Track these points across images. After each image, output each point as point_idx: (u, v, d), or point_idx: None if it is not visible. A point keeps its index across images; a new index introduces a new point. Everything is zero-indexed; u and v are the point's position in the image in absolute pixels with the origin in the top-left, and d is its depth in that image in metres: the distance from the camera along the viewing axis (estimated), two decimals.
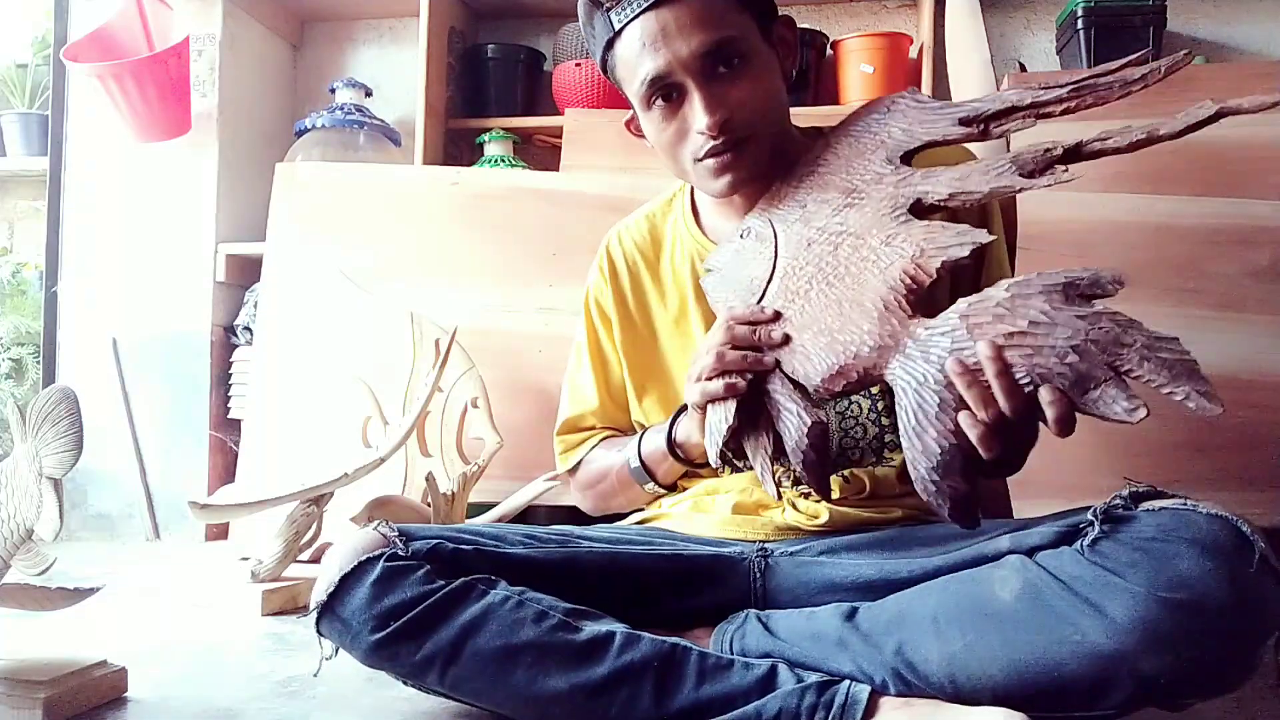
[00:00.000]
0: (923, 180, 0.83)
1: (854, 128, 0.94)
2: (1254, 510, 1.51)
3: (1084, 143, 0.76)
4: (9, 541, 0.98)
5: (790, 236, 0.91)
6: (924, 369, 0.76)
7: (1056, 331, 0.70)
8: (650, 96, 0.97)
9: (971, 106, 0.84)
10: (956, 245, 0.78)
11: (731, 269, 0.96)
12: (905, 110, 0.89)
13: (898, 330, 0.79)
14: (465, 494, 1.65)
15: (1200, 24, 2.15)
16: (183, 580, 1.58)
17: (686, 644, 0.86)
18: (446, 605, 0.86)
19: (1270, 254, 1.64)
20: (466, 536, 0.95)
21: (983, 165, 0.80)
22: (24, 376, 2.38)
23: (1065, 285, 0.71)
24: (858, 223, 0.86)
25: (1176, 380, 0.66)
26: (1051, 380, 0.70)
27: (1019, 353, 0.71)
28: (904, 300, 0.80)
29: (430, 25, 2.21)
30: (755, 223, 0.96)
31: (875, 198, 0.86)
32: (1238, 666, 0.73)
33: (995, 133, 0.83)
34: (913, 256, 0.80)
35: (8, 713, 0.93)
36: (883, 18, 2.32)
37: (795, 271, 0.89)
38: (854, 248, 0.85)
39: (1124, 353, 0.68)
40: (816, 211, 0.90)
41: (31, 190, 2.56)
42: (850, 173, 0.90)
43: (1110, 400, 0.68)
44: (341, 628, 0.88)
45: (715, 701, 0.82)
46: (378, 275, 1.98)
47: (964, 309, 0.76)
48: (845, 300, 0.83)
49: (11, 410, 1.00)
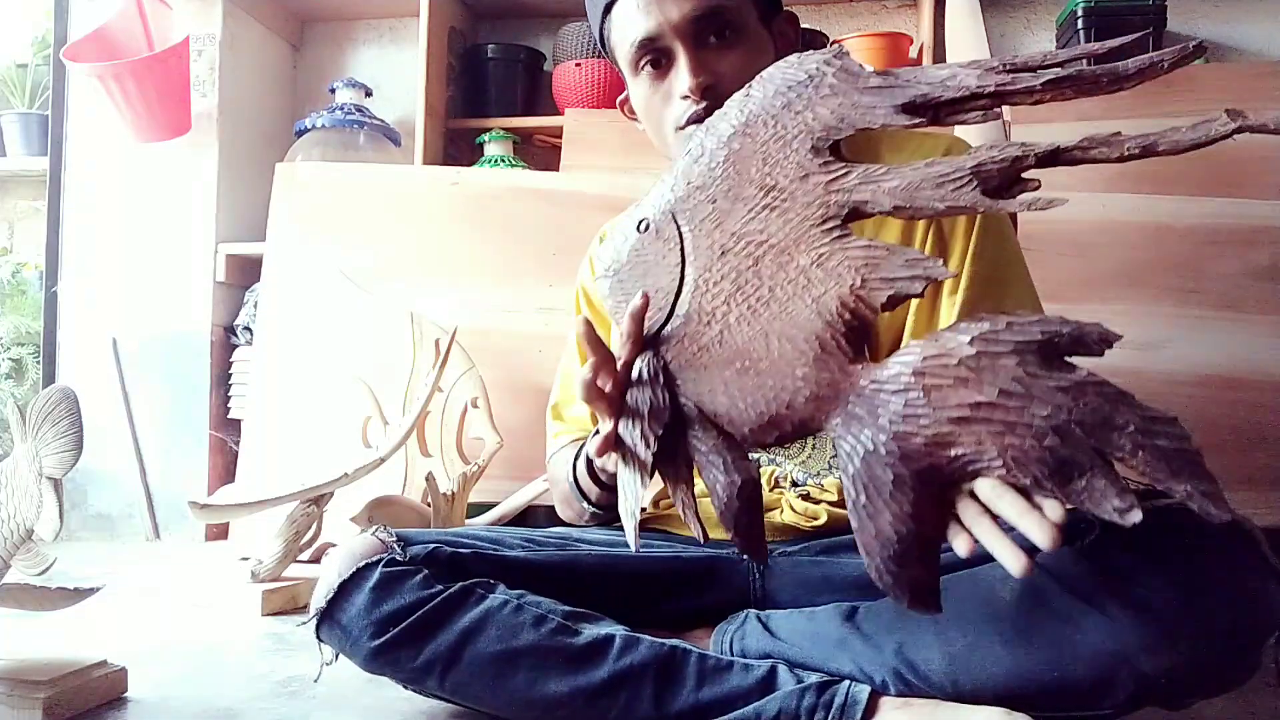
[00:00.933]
0: (861, 183, 0.67)
1: (770, 100, 0.73)
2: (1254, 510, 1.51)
3: (1062, 149, 0.61)
4: (9, 541, 0.98)
5: (700, 239, 0.74)
6: (873, 435, 0.64)
7: (1033, 407, 0.58)
8: (639, 60, 0.97)
9: (919, 88, 0.66)
10: (906, 278, 0.64)
11: (630, 273, 0.79)
12: (834, 86, 0.69)
13: (838, 379, 0.67)
14: (465, 494, 1.65)
15: (1200, 24, 2.15)
16: (183, 580, 1.58)
17: (686, 646, 0.86)
18: (445, 610, 0.86)
19: (1270, 254, 1.64)
20: (465, 540, 0.95)
21: (937, 173, 0.64)
22: (24, 376, 2.38)
23: (1042, 344, 0.59)
24: (781, 232, 0.70)
25: (1177, 476, 0.55)
26: (1027, 466, 0.58)
27: (987, 429, 0.60)
28: (843, 340, 0.67)
29: (430, 25, 2.21)
30: (655, 215, 0.78)
31: (801, 200, 0.70)
32: (1239, 665, 0.73)
33: (948, 122, 0.68)
34: (851, 286, 0.66)
35: (8, 713, 0.93)
36: (883, 18, 2.32)
37: (709, 287, 0.73)
38: (778, 264, 0.70)
39: (1115, 437, 0.57)
40: (730, 210, 0.73)
41: (31, 190, 2.56)
42: (768, 163, 0.72)
43: (1098, 495, 0.57)
44: (341, 634, 0.88)
45: (715, 703, 0.82)
46: (378, 275, 1.98)
47: (918, 363, 0.63)
48: (773, 333, 0.69)
49: (11, 410, 1.00)
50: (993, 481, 0.60)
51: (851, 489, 0.65)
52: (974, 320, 0.62)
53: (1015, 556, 0.58)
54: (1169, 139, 0.59)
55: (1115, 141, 0.60)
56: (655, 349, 0.75)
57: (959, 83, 0.64)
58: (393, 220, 2.00)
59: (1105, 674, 0.73)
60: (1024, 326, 0.60)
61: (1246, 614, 0.71)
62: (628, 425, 0.74)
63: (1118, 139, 0.60)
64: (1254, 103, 1.74)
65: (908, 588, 0.65)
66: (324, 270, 2.00)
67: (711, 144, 0.75)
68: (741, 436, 0.71)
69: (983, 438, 0.60)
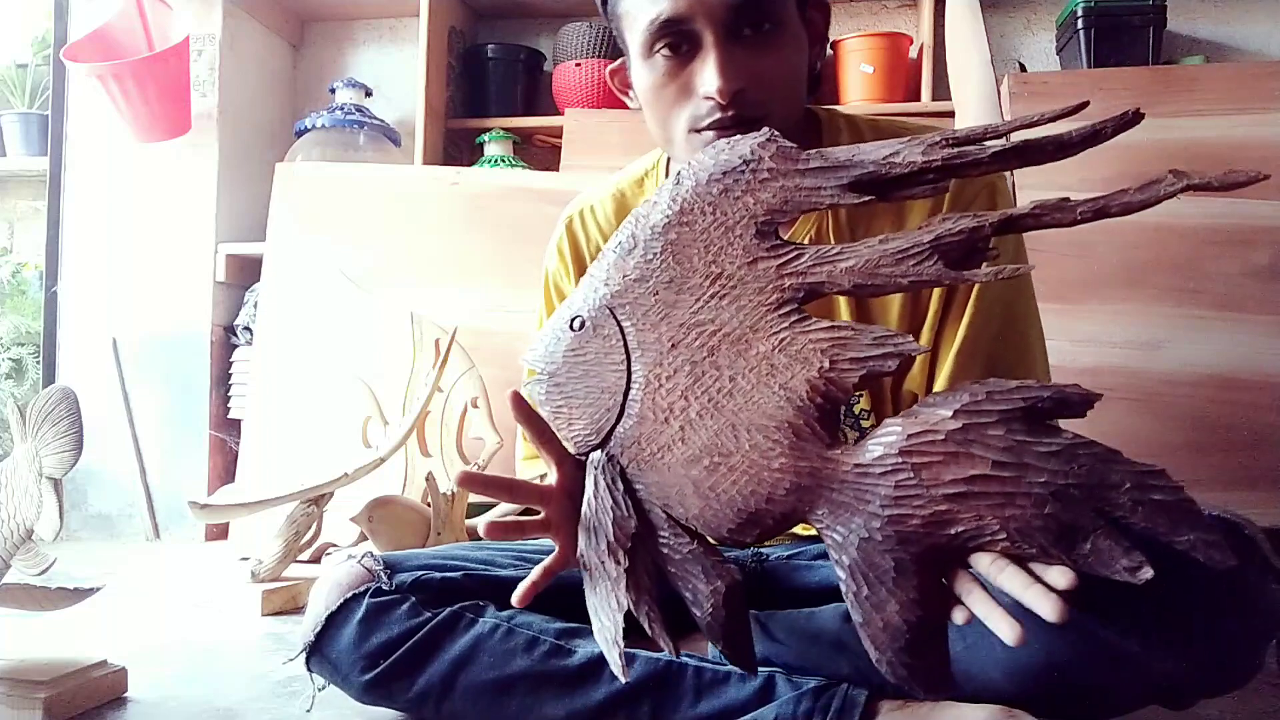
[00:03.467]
0: (815, 264, 0.65)
1: (704, 188, 0.71)
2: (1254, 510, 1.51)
3: (1015, 217, 0.61)
4: (9, 541, 0.98)
5: (645, 334, 0.71)
6: (865, 522, 0.62)
7: (1029, 475, 0.57)
8: (654, 42, 0.83)
9: (863, 167, 0.65)
10: (878, 357, 0.62)
11: (569, 375, 0.74)
12: (772, 169, 0.68)
13: (817, 466, 0.64)
14: (465, 494, 1.65)
15: (1200, 24, 2.15)
16: (183, 580, 1.58)
17: (682, 659, 0.85)
18: (435, 639, 0.85)
19: (1270, 254, 1.64)
20: (454, 563, 0.93)
21: (895, 249, 0.63)
22: (24, 376, 2.38)
23: (1026, 410, 0.58)
24: (735, 319, 0.68)
25: (1178, 528, 0.55)
26: (1031, 536, 0.57)
27: (986, 503, 0.58)
28: (817, 425, 0.64)
29: (430, 25, 2.21)
30: (589, 311, 0.73)
31: (752, 286, 0.67)
32: (1241, 666, 0.73)
33: (897, 198, 0.66)
34: (820, 369, 0.64)
35: (8, 713, 0.93)
36: (883, 18, 2.32)
37: (663, 382, 0.69)
38: (737, 353, 0.67)
39: (1112, 496, 0.56)
40: (675, 301, 0.70)
41: (31, 190, 2.56)
42: (712, 250, 0.69)
43: (1105, 556, 0.56)
44: (331, 669, 0.88)
45: (713, 716, 0.81)
46: (378, 275, 1.98)
47: (904, 442, 0.61)
48: (742, 424, 0.66)
49: (11, 410, 1.00)
50: (991, 555, 0.59)
51: (851, 581, 0.62)
52: (951, 393, 0.61)
53: (1010, 627, 0.57)
54: (1119, 201, 0.58)
55: (1067, 207, 0.59)
56: (608, 454, 0.71)
57: (904, 159, 0.63)
58: (393, 220, 2.01)
59: (1106, 675, 0.73)
60: (1006, 395, 0.59)
61: (1248, 616, 0.71)
62: (589, 541, 0.70)
63: (1069, 205, 0.59)
64: (1254, 103, 1.74)
65: (923, 678, 0.62)
66: (324, 270, 2.00)
67: (645, 235, 0.72)
68: (720, 538, 0.68)
69: (982, 512, 0.59)
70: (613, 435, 0.71)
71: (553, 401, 0.74)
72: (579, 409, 0.73)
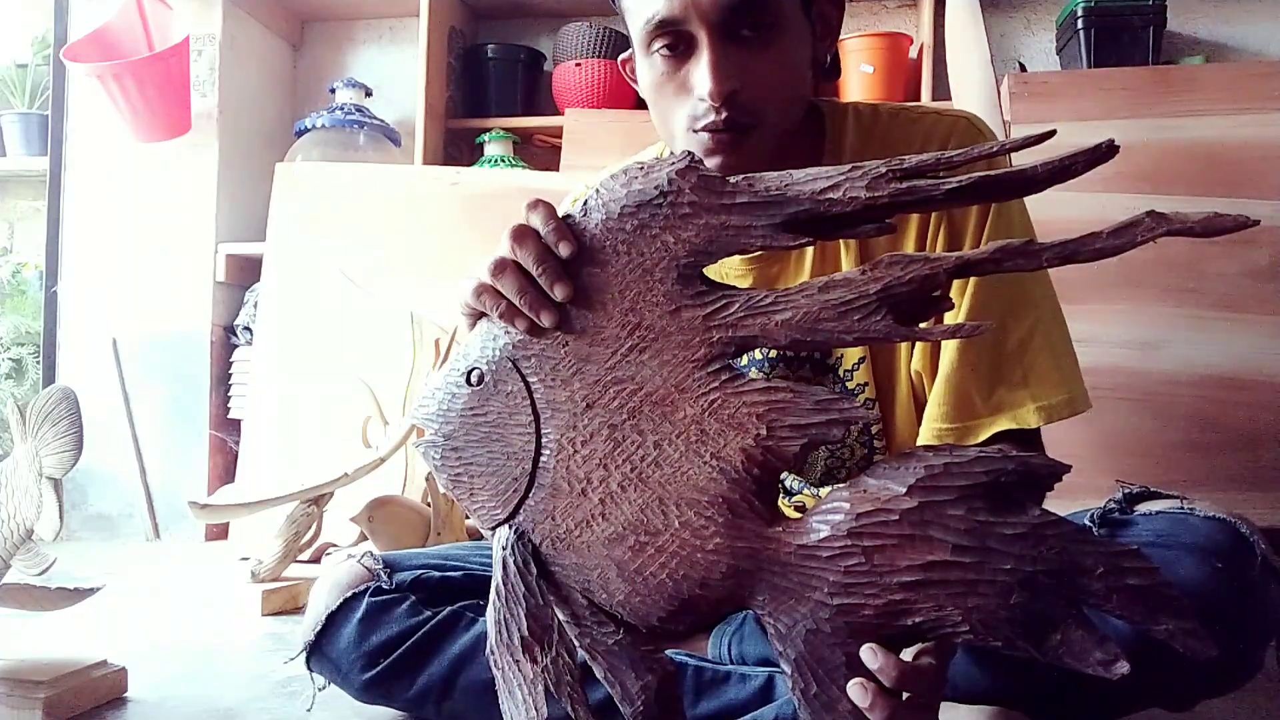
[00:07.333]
0: (746, 315, 0.57)
1: (616, 222, 0.61)
2: (1254, 510, 1.51)
3: (972, 261, 0.54)
4: (9, 541, 0.98)
5: (554, 391, 0.62)
6: (811, 611, 0.55)
7: (993, 560, 0.51)
8: (652, 40, 0.82)
9: (798, 204, 0.56)
10: (821, 424, 0.55)
11: (468, 439, 0.65)
12: (694, 203, 0.59)
13: (757, 547, 0.57)
14: None
15: (1200, 24, 2.15)
16: (183, 580, 1.58)
17: (683, 657, 0.85)
18: (435, 638, 0.85)
19: (1270, 254, 1.64)
20: (453, 563, 0.93)
21: (837, 300, 0.55)
22: (24, 376, 2.38)
23: (988, 486, 0.52)
24: (658, 376, 0.59)
25: (1155, 615, 0.50)
26: (997, 629, 0.51)
27: (945, 591, 0.52)
28: (754, 500, 0.57)
29: (430, 25, 2.21)
30: (489, 365, 0.65)
31: (676, 339, 0.59)
32: (1241, 667, 0.73)
33: (837, 237, 0.60)
34: (757, 437, 0.57)
35: (8, 713, 0.93)
36: (883, 18, 2.32)
37: (578, 448, 0.61)
38: (661, 416, 0.59)
39: (1085, 582, 0.50)
40: (589, 354, 0.61)
41: (31, 190, 2.56)
42: (628, 296, 0.60)
43: (1077, 648, 0.51)
44: (331, 668, 0.88)
45: (713, 716, 0.81)
46: (378, 275, 1.98)
47: (853, 522, 0.54)
48: (670, 499, 0.58)
49: (11, 410, 1.00)
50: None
51: (798, 676, 0.56)
52: (903, 463, 0.55)
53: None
54: (1091, 247, 0.53)
55: (1031, 252, 0.54)
56: (518, 530, 0.63)
57: (845, 195, 0.55)
58: (393, 220, 2.01)
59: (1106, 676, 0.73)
60: (965, 467, 0.53)
61: (1247, 617, 0.71)
62: (499, 636, 0.62)
63: (1033, 249, 0.54)
64: (1254, 103, 1.74)
65: None
66: (324, 270, 2.00)
67: None
68: (649, 628, 0.60)
69: (942, 601, 0.52)
70: (522, 508, 0.63)
71: (449, 469, 0.66)
72: (481, 478, 0.64)
